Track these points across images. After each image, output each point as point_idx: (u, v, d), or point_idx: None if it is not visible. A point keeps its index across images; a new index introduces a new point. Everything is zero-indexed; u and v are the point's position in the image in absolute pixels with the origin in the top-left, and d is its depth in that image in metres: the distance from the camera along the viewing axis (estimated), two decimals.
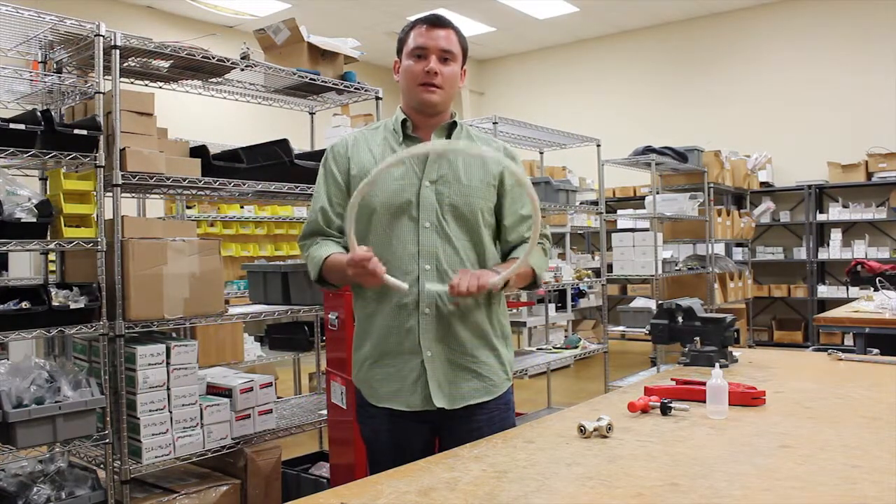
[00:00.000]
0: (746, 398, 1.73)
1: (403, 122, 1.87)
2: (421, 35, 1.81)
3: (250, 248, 7.30)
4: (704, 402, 1.66)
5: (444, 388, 1.79)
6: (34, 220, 2.61)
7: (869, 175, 8.17)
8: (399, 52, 1.88)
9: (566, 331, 7.73)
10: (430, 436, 1.86)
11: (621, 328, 6.99)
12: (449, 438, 1.79)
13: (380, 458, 1.84)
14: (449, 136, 1.87)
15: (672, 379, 1.93)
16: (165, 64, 3.14)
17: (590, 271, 5.73)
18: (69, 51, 3.00)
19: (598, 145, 5.55)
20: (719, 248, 7.46)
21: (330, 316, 2.99)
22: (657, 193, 6.22)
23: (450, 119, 1.89)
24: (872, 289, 4.45)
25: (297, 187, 3.38)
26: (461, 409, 1.81)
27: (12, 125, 2.55)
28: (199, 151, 3.14)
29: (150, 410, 2.78)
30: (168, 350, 2.83)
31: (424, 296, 1.77)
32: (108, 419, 2.72)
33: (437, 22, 1.83)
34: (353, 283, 1.80)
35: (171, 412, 2.83)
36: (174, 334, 3.24)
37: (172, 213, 5.64)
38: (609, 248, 6.58)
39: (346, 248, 1.79)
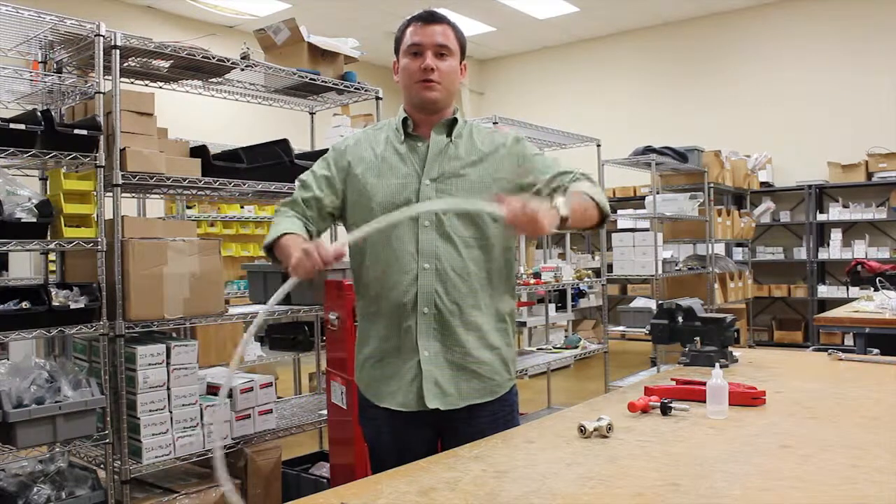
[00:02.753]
0: (746, 398, 1.73)
1: (404, 121, 1.86)
2: (416, 32, 1.81)
3: (250, 248, 7.29)
4: (704, 402, 1.66)
5: (441, 389, 1.77)
6: (34, 220, 2.61)
7: (869, 175, 8.16)
8: (397, 51, 1.87)
9: (566, 331, 7.72)
10: (432, 437, 1.84)
11: (621, 328, 6.99)
12: (451, 440, 1.76)
13: (383, 458, 1.82)
14: (449, 133, 1.85)
15: (672, 379, 1.93)
16: (165, 64, 3.14)
17: (590, 271, 5.73)
18: (69, 51, 3.00)
19: (598, 145, 5.55)
20: (719, 248, 7.45)
21: (330, 316, 2.99)
22: (657, 193, 6.22)
23: (451, 115, 1.87)
24: (872, 289, 4.45)
25: None
26: (463, 411, 1.79)
27: (12, 125, 2.55)
28: (199, 151, 3.15)
29: (150, 410, 2.78)
30: (168, 350, 2.83)
31: (423, 295, 1.77)
32: (108, 419, 2.72)
33: (431, 18, 1.82)
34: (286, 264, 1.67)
35: (171, 412, 2.83)
36: (174, 334, 3.24)
37: (172, 213, 5.65)
38: (609, 248, 6.58)
39: (309, 232, 1.81)
